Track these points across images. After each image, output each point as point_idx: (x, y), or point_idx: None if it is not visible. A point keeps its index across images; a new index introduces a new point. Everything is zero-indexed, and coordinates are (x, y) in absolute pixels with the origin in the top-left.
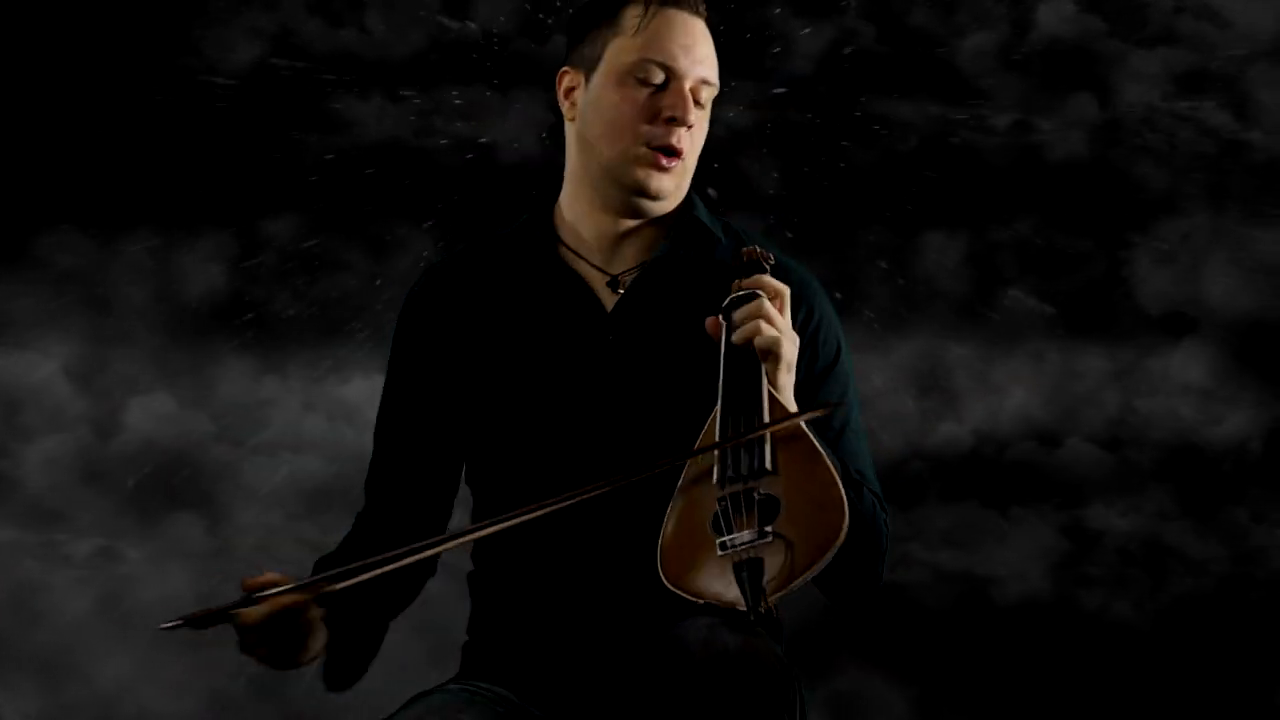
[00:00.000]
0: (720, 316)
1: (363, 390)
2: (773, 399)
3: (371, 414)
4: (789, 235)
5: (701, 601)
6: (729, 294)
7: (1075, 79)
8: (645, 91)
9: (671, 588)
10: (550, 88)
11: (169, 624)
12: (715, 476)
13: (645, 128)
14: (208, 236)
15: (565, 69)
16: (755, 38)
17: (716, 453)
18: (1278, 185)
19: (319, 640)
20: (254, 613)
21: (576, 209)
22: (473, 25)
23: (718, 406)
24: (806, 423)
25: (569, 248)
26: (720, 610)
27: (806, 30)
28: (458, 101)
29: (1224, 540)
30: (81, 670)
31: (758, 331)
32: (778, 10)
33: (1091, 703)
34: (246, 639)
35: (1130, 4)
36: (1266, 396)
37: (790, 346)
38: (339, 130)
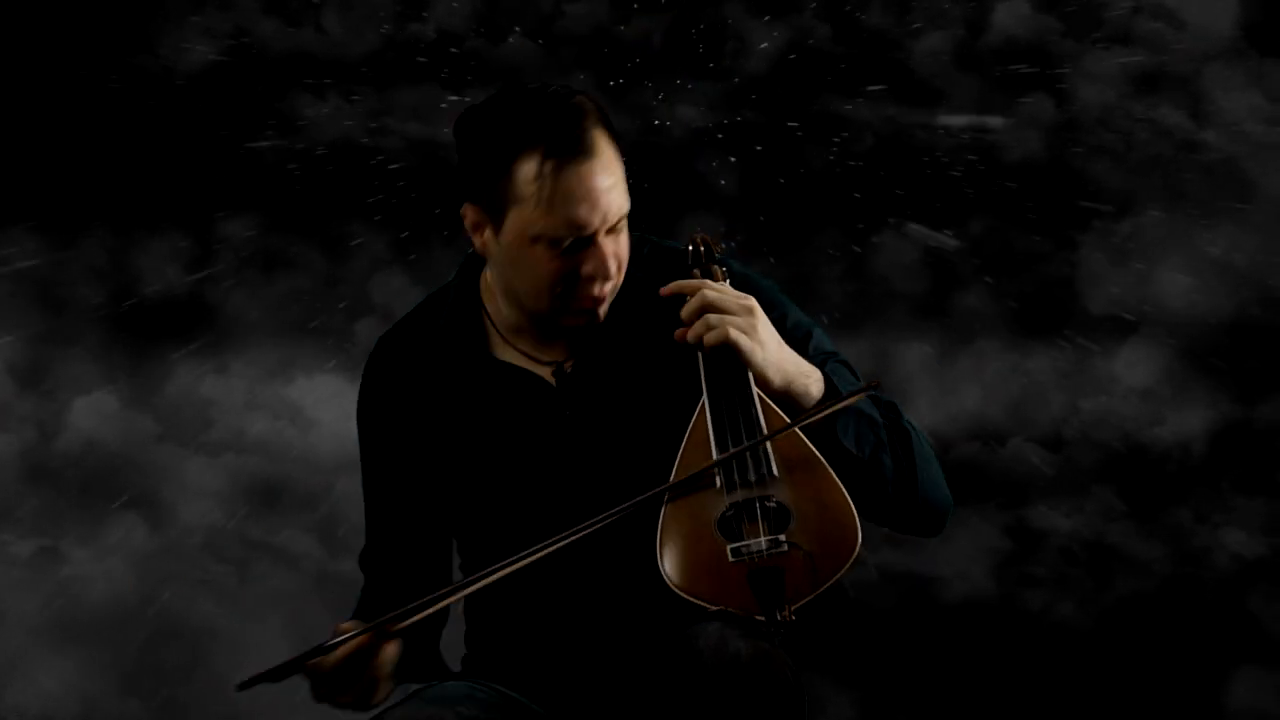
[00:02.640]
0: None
1: (306, 390)
2: (760, 397)
3: (313, 413)
4: (743, 236)
5: (714, 608)
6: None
7: (1031, 79)
8: (558, 254)
9: (679, 592)
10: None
11: (245, 681)
12: (720, 482)
13: (565, 288)
14: (155, 236)
15: (466, 205)
16: (711, 38)
17: (716, 456)
18: (1230, 185)
19: (386, 678)
20: (327, 660)
21: (508, 308)
22: (428, 26)
23: (704, 404)
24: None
25: (503, 336)
26: (732, 616)
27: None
28: (412, 101)
29: (1167, 541)
30: (25, 670)
31: (707, 328)
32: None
33: (1035, 702)
34: (321, 687)
35: (1086, 4)
36: (1210, 397)
37: (751, 329)
38: (293, 130)
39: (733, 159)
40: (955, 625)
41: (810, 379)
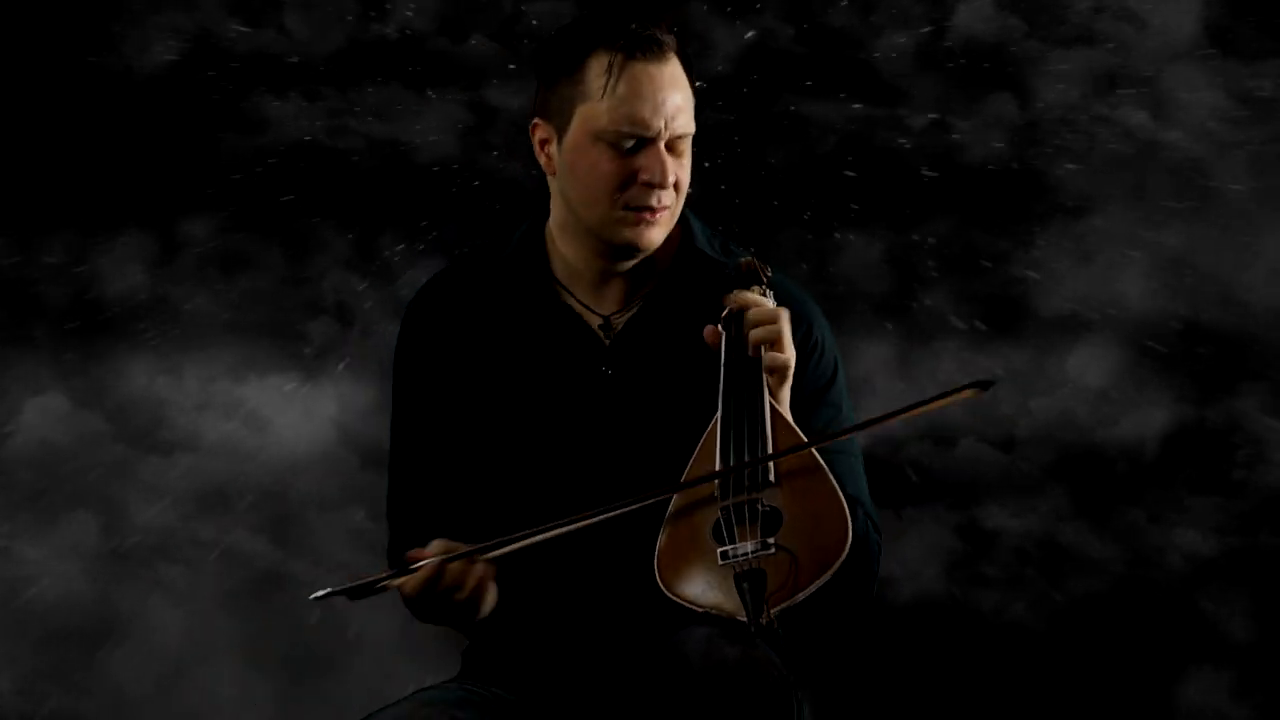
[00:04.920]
0: (719, 326)
1: (258, 390)
2: (774, 411)
3: (266, 412)
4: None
5: (701, 610)
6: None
7: (994, 79)
8: (619, 155)
9: (670, 595)
10: (468, 87)
11: (320, 594)
12: (717, 486)
13: (622, 193)
14: (113, 235)
15: (536, 120)
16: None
17: (719, 465)
18: (1191, 185)
19: (490, 600)
20: (410, 582)
21: (567, 250)
22: (389, 26)
23: (718, 415)
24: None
25: (562, 284)
26: (720, 620)
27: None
28: (375, 101)
29: (1119, 541)
30: None
31: (778, 349)
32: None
33: (987, 703)
34: (413, 605)
35: (1049, 4)
36: (1162, 397)
37: (793, 364)
38: (254, 130)
39: (694, 158)
40: (906, 626)
41: None
